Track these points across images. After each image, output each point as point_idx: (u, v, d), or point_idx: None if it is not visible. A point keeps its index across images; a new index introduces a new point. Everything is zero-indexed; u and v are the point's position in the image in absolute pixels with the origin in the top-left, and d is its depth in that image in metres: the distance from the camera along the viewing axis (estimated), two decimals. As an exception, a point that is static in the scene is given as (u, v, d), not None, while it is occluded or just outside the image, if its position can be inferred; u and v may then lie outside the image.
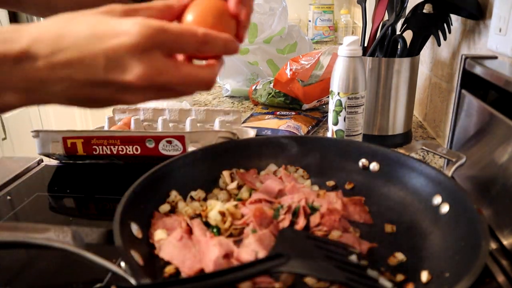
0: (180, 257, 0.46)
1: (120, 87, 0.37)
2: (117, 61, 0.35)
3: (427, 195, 0.55)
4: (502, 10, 0.63)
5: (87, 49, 0.35)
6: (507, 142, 0.55)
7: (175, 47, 0.37)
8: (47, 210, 0.68)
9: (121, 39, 0.35)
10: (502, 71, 0.57)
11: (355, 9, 2.63)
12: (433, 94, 1.00)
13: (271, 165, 0.66)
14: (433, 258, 0.48)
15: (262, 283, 0.44)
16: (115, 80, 0.36)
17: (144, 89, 0.37)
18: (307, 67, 1.11)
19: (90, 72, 0.36)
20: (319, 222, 0.54)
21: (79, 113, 2.87)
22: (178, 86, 0.38)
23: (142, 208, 0.52)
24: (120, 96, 0.38)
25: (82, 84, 0.36)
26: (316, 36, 2.57)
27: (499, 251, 0.55)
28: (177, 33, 0.37)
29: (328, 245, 0.46)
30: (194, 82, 0.38)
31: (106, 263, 0.42)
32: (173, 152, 0.75)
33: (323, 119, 1.06)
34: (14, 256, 0.54)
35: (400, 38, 0.87)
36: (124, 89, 0.37)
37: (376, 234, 0.54)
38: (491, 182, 0.59)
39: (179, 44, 0.37)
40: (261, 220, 0.51)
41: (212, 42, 0.38)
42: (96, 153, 0.77)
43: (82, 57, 0.35)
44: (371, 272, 0.45)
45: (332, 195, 0.58)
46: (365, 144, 0.64)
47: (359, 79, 0.75)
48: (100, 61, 0.35)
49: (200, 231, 0.50)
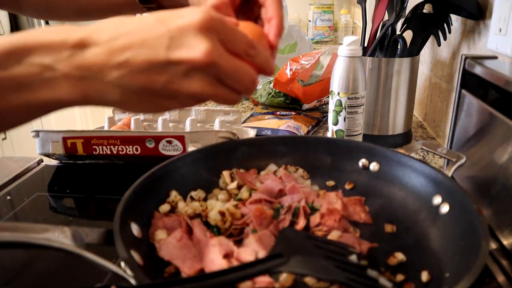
0: (180, 257, 0.46)
1: (181, 70, 0.36)
2: (182, 39, 0.35)
3: (427, 195, 0.55)
4: (502, 10, 0.63)
5: (149, 31, 0.35)
6: (507, 142, 0.55)
7: (228, 39, 0.37)
8: (47, 210, 0.68)
9: (186, 18, 0.36)
10: (502, 71, 0.57)
11: (355, 9, 2.63)
12: (433, 94, 1.00)
13: (271, 165, 0.66)
14: (433, 258, 0.48)
15: (262, 283, 0.44)
16: (178, 59, 0.35)
17: (205, 70, 0.36)
18: (307, 67, 1.11)
19: (152, 53, 0.35)
20: (319, 222, 0.54)
21: (79, 113, 2.87)
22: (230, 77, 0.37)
23: (142, 208, 0.52)
24: (178, 83, 0.36)
25: (140, 68, 0.35)
26: (316, 36, 2.57)
27: (499, 251, 0.55)
28: (233, 27, 0.38)
29: (328, 245, 0.46)
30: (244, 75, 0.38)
31: (106, 263, 0.41)
32: (173, 152, 0.75)
33: (323, 119, 1.06)
34: (14, 256, 0.54)
35: (400, 38, 0.87)
36: (184, 72, 0.36)
37: (376, 234, 0.54)
38: (491, 182, 0.59)
39: (232, 37, 0.38)
40: (261, 220, 0.51)
41: (258, 50, 0.39)
42: (96, 153, 0.77)
43: (144, 39, 0.35)
44: (371, 272, 0.45)
45: (332, 195, 0.58)
46: (365, 144, 0.64)
47: (359, 79, 0.75)
48: (163, 41, 0.35)
49: (200, 231, 0.50)
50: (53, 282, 0.50)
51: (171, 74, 0.35)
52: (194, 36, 0.35)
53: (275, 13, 0.49)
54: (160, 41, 0.35)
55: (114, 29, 0.36)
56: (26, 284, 0.50)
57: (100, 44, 0.35)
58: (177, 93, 0.37)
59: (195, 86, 0.36)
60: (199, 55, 0.35)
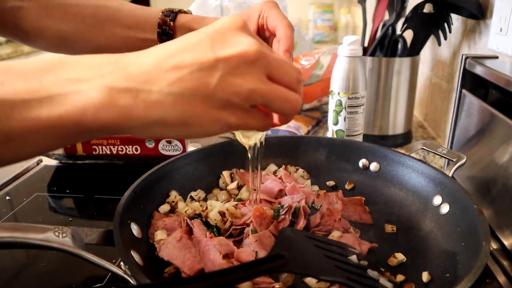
0: (180, 257, 0.46)
1: (231, 66, 0.34)
2: (223, 39, 0.34)
3: (427, 195, 0.55)
4: (503, 10, 0.63)
5: (188, 40, 0.35)
6: (508, 142, 0.55)
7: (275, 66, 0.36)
8: (46, 210, 0.68)
9: (219, 23, 0.35)
10: (502, 71, 0.57)
11: (355, 8, 2.63)
12: (434, 94, 1.00)
13: (271, 165, 0.66)
14: (434, 259, 0.48)
15: (262, 283, 0.44)
16: (226, 56, 0.34)
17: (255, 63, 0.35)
18: (307, 67, 1.11)
19: (198, 55, 0.34)
20: (319, 222, 0.54)
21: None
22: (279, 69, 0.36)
23: (142, 208, 0.52)
24: (232, 80, 0.34)
25: (190, 70, 0.33)
26: (316, 36, 2.56)
27: (499, 251, 0.54)
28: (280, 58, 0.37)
29: (328, 245, 0.46)
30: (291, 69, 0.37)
31: (106, 264, 0.41)
32: (173, 152, 0.75)
33: (323, 119, 1.06)
34: (13, 256, 0.54)
35: (400, 38, 0.86)
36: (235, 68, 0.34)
37: (376, 234, 0.54)
38: (492, 182, 0.59)
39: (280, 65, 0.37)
40: (261, 220, 0.51)
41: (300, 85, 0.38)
42: (95, 153, 0.77)
43: (186, 45, 0.34)
44: (371, 272, 0.45)
45: (332, 195, 0.58)
46: (365, 144, 0.64)
47: (359, 79, 0.75)
48: (206, 43, 0.34)
49: (200, 231, 0.50)
50: (53, 282, 0.50)
51: (222, 71, 0.34)
52: (235, 35, 0.35)
53: (283, 34, 0.53)
54: (203, 43, 0.34)
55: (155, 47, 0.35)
56: (26, 284, 0.50)
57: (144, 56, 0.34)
58: (231, 96, 0.34)
59: (248, 82, 0.34)
60: (248, 48, 0.34)
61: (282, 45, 0.52)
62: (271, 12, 0.57)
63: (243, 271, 0.37)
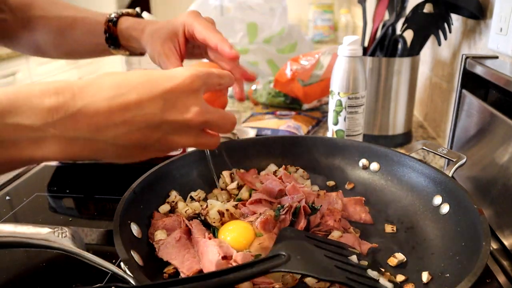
0: (179, 257, 0.46)
1: (174, 128, 0.39)
2: (174, 101, 0.38)
3: (427, 195, 0.55)
4: (503, 9, 0.62)
5: (144, 93, 0.37)
6: (508, 142, 0.54)
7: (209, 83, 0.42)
8: (46, 210, 0.68)
9: (175, 80, 0.39)
10: (503, 71, 0.57)
11: (355, 8, 2.63)
12: (434, 94, 1.00)
13: (271, 165, 0.66)
14: (434, 259, 0.48)
15: (262, 284, 0.44)
16: (172, 120, 0.38)
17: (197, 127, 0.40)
18: (307, 67, 1.11)
19: (148, 115, 0.37)
20: (319, 222, 0.54)
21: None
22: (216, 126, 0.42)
23: (142, 208, 0.52)
24: (170, 138, 0.40)
25: (137, 127, 0.37)
26: (316, 36, 2.56)
27: (500, 251, 0.54)
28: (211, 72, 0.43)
29: (328, 245, 0.46)
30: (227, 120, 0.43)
31: (106, 264, 0.41)
32: (173, 152, 0.75)
33: (323, 119, 1.06)
34: (13, 256, 0.54)
35: (400, 37, 0.86)
36: (177, 129, 0.39)
37: (376, 234, 0.54)
38: (492, 182, 0.59)
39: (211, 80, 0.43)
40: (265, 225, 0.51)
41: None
42: (96, 153, 0.77)
43: (140, 100, 0.37)
44: (371, 272, 0.45)
45: (333, 195, 0.58)
46: (365, 144, 0.64)
47: (359, 79, 0.75)
48: (158, 103, 0.38)
49: (198, 232, 0.50)
50: (53, 282, 0.50)
51: (164, 131, 0.39)
52: (186, 100, 0.39)
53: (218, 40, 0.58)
54: (155, 103, 0.38)
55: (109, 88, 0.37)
56: (26, 284, 0.50)
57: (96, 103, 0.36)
58: (165, 146, 0.40)
59: (184, 139, 0.41)
60: (193, 118, 0.39)
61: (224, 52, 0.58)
62: (195, 24, 0.60)
63: (243, 271, 0.37)
